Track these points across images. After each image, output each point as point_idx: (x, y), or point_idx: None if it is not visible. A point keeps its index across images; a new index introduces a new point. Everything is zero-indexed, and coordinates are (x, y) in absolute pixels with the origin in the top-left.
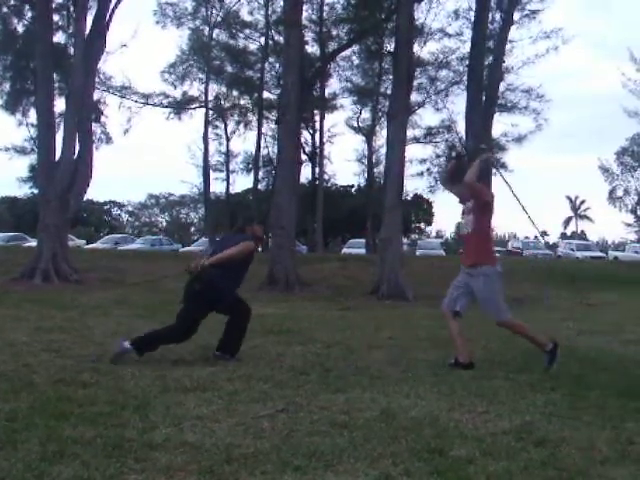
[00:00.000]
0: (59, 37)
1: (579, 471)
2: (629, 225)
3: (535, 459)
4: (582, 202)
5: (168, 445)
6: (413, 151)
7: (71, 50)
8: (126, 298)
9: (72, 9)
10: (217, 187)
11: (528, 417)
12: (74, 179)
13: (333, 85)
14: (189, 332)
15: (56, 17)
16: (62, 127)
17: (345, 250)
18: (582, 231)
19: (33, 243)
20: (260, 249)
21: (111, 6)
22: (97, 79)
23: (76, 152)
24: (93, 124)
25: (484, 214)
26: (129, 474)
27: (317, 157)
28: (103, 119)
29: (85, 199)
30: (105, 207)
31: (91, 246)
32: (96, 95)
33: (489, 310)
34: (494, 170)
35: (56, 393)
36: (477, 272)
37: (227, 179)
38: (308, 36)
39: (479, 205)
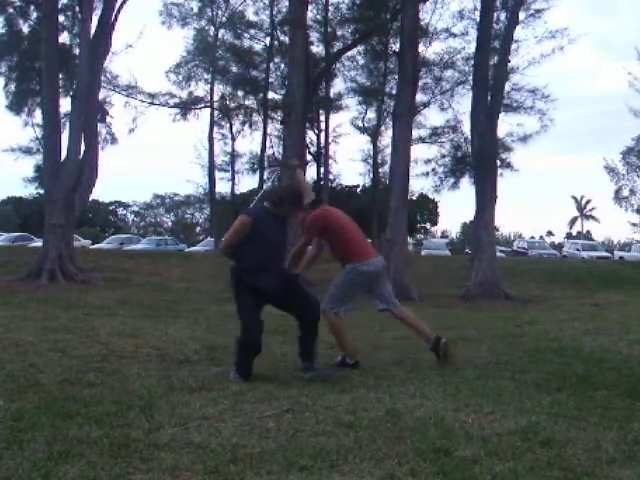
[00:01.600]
0: (64, 37)
1: (585, 471)
2: (635, 225)
3: (541, 459)
4: (588, 202)
5: (174, 445)
6: (418, 151)
7: (77, 50)
8: (131, 298)
9: (77, 10)
10: (222, 187)
11: (534, 417)
12: (80, 179)
13: (338, 85)
14: (254, 330)
15: (61, 18)
16: (68, 127)
17: None
18: (588, 231)
19: (39, 243)
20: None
21: (116, 6)
22: (103, 78)
23: (82, 152)
24: (98, 124)
25: (329, 240)
26: (135, 474)
27: (322, 157)
28: (108, 119)
29: (91, 199)
30: (110, 207)
31: (96, 246)
32: (101, 94)
33: (326, 295)
34: None
35: (62, 393)
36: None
37: (232, 179)
38: (313, 36)
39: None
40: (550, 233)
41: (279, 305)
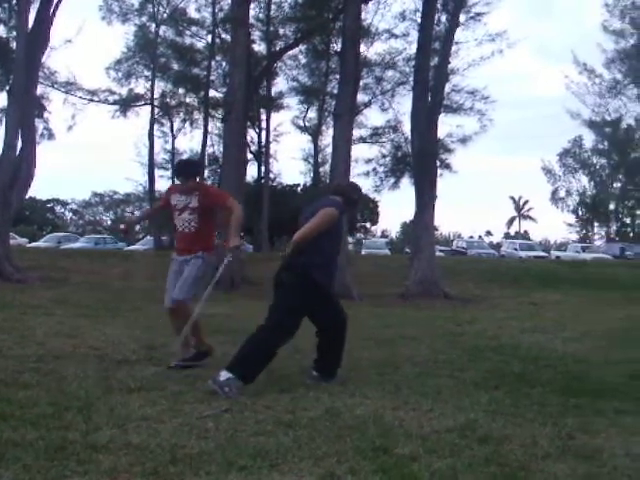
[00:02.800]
0: (1, 31)
1: (521, 467)
2: (571, 225)
3: (479, 456)
4: (525, 202)
5: (112, 446)
6: (359, 151)
7: (13, 44)
8: (68, 297)
9: (14, 2)
10: (162, 185)
11: (472, 415)
12: (16, 176)
13: (280, 84)
14: (291, 335)
15: None
16: (4, 123)
17: None
18: (525, 231)
19: None
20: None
21: (55, 0)
22: (41, 74)
23: (18, 148)
24: (36, 120)
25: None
26: (72, 477)
27: (263, 156)
28: (46, 115)
29: (28, 196)
30: (48, 205)
31: (33, 245)
32: (40, 90)
33: (178, 286)
34: None
35: None
36: (194, 256)
37: (172, 177)
38: (255, 35)
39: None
40: (489, 233)
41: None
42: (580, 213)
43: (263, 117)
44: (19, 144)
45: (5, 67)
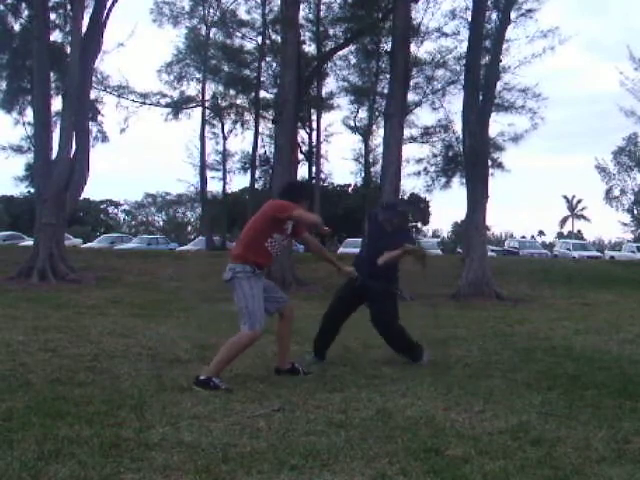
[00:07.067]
0: (56, 36)
1: (575, 470)
2: (625, 225)
3: (531, 458)
4: (579, 202)
5: (164, 444)
6: (410, 150)
7: (68, 49)
8: (122, 297)
9: (69, 8)
10: (214, 186)
11: (524, 416)
12: (71, 178)
13: (330, 84)
14: None
15: (53, 16)
16: (59, 126)
17: (342, 249)
18: (579, 230)
19: (29, 242)
20: None
21: (108, 5)
22: (94, 78)
23: (73, 151)
24: (90, 123)
25: None
26: (125, 473)
27: (314, 156)
28: (100, 118)
29: (82, 198)
30: (102, 206)
31: (87, 245)
32: (93, 94)
33: None
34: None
35: (52, 392)
36: None
37: (224, 178)
38: (305, 35)
39: None
40: (541, 233)
41: None
42: (635, 212)
43: (314, 117)
44: (74, 147)
45: (60, 72)
